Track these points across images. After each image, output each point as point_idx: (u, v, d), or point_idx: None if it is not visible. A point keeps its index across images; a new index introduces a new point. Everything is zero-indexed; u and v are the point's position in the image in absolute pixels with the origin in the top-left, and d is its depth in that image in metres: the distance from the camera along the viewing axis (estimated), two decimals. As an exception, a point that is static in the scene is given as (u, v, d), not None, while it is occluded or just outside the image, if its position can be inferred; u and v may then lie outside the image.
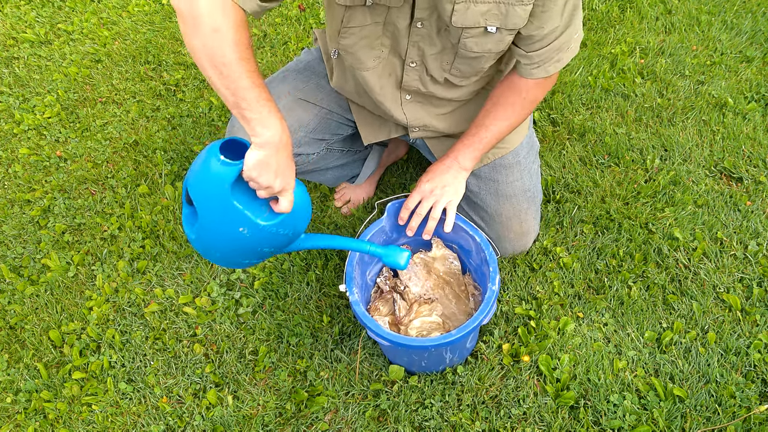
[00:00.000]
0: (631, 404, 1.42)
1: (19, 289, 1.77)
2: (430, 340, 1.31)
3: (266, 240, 1.30)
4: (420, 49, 1.32)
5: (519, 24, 1.22)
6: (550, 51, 1.30)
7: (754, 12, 2.42)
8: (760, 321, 1.54)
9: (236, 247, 1.33)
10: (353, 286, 1.37)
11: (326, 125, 1.56)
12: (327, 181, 1.79)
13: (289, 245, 1.37)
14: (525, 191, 1.60)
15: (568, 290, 1.64)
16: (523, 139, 1.59)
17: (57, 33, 2.64)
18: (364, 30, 1.29)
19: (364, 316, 1.32)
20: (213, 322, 1.65)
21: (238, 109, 1.13)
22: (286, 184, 1.21)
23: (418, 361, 1.44)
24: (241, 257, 1.37)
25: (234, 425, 1.47)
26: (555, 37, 1.27)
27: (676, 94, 2.13)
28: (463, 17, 1.19)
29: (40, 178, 2.08)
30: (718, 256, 1.68)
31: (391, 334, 1.30)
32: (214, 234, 1.31)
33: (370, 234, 1.47)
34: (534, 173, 1.63)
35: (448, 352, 1.41)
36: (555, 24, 1.24)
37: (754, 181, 1.85)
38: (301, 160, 1.55)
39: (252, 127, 1.14)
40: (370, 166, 1.82)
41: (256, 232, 1.27)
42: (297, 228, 1.32)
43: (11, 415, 1.53)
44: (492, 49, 1.28)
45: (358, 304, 1.34)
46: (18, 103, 2.34)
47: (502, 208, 1.59)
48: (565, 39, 1.29)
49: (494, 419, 1.43)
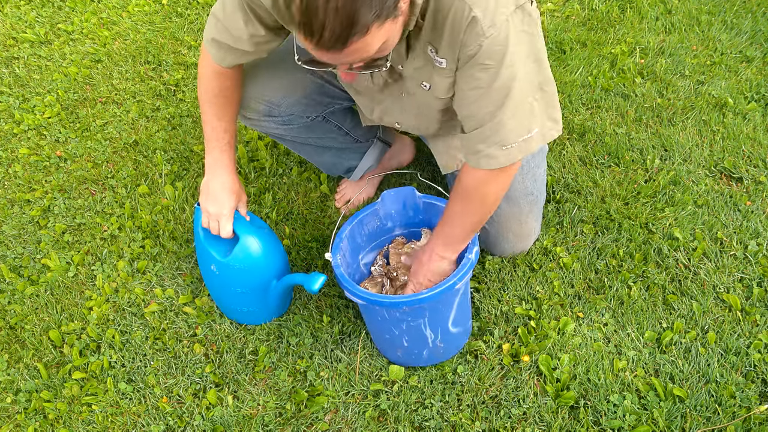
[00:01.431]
0: (631, 404, 1.42)
1: (19, 289, 1.77)
2: (402, 297, 1.32)
3: (235, 278, 1.51)
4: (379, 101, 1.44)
5: (442, 93, 1.28)
6: (474, 140, 1.22)
7: (754, 12, 2.42)
8: (760, 321, 1.54)
9: (217, 289, 1.60)
10: (338, 255, 1.42)
11: (324, 91, 1.59)
12: (324, 164, 1.79)
13: (267, 290, 1.55)
14: (527, 194, 1.59)
15: (568, 290, 1.64)
16: None
17: (57, 33, 2.64)
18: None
19: (342, 278, 1.36)
20: (213, 322, 1.65)
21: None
22: (219, 210, 1.48)
23: (399, 338, 1.43)
24: (230, 302, 1.60)
25: (234, 425, 1.47)
26: (474, 126, 1.21)
27: (676, 94, 2.13)
28: (407, 69, 1.29)
29: (40, 178, 2.08)
30: (718, 256, 1.68)
31: (365, 293, 1.33)
32: (206, 279, 1.62)
33: (363, 214, 1.51)
34: (539, 177, 1.61)
35: (427, 327, 1.40)
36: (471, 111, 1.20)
37: (754, 181, 1.85)
38: (294, 119, 1.59)
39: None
40: (368, 161, 1.81)
41: (222, 268, 1.51)
42: (257, 263, 1.51)
43: (11, 415, 1.53)
44: (432, 105, 1.35)
45: (339, 267, 1.38)
46: (18, 103, 2.34)
47: (502, 209, 1.58)
48: (489, 134, 1.20)
49: (494, 419, 1.43)
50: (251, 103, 1.54)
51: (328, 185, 1.95)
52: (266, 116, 1.56)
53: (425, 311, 1.36)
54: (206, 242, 1.52)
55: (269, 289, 1.54)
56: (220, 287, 1.59)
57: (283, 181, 1.98)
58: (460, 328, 1.50)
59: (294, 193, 1.94)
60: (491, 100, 1.17)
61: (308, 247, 1.79)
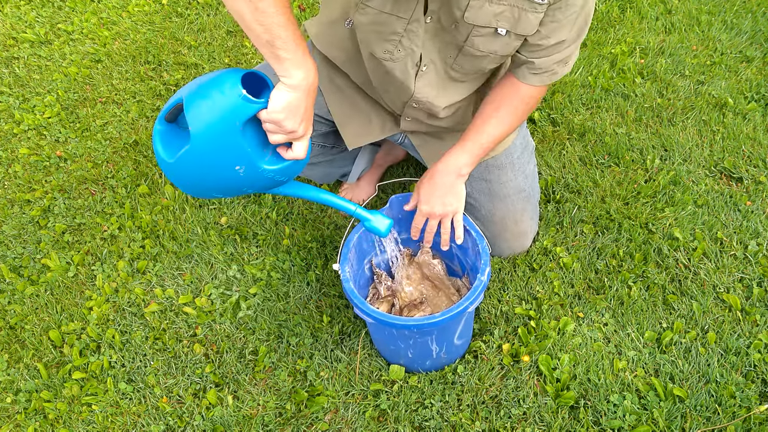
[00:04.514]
0: (631, 404, 1.42)
1: (19, 289, 1.77)
2: (413, 320, 1.31)
3: (258, 182, 1.23)
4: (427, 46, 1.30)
5: (529, 31, 1.22)
6: (551, 62, 1.30)
7: (754, 12, 2.42)
8: (760, 321, 1.54)
9: (222, 182, 1.23)
10: (346, 266, 1.39)
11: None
12: (315, 176, 1.78)
13: (273, 189, 1.31)
14: (519, 192, 1.59)
15: (568, 290, 1.64)
16: (515, 140, 1.58)
17: (57, 33, 2.64)
18: (381, 16, 1.24)
19: (352, 293, 1.34)
20: (213, 322, 1.65)
21: (270, 48, 1.07)
22: (308, 130, 1.16)
23: (404, 350, 1.44)
24: (219, 191, 1.29)
25: (234, 425, 1.47)
26: (560, 50, 1.28)
27: (676, 94, 2.13)
28: (475, 15, 1.19)
29: (40, 178, 2.08)
30: (718, 256, 1.68)
31: (376, 312, 1.31)
32: (202, 164, 1.19)
33: None
34: (529, 174, 1.62)
35: (434, 342, 1.40)
36: (562, 37, 1.24)
37: (754, 181, 1.85)
38: None
39: (285, 67, 1.08)
40: (360, 164, 1.81)
41: (253, 173, 1.19)
42: (292, 175, 1.26)
43: (11, 415, 1.53)
44: (498, 51, 1.27)
45: (348, 281, 1.36)
46: (18, 103, 2.34)
47: (496, 209, 1.59)
48: (569, 54, 1.30)
49: (494, 419, 1.43)
50: None
51: (329, 185, 1.96)
52: None
53: (434, 330, 1.36)
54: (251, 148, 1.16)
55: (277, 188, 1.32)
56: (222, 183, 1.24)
57: (283, 181, 1.98)
58: (464, 339, 1.51)
59: (294, 193, 1.95)
60: (581, 22, 1.24)
61: (308, 247, 1.79)
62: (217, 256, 1.78)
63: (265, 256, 1.78)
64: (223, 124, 1.10)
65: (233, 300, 1.68)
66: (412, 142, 1.59)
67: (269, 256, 1.77)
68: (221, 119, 1.10)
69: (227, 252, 1.79)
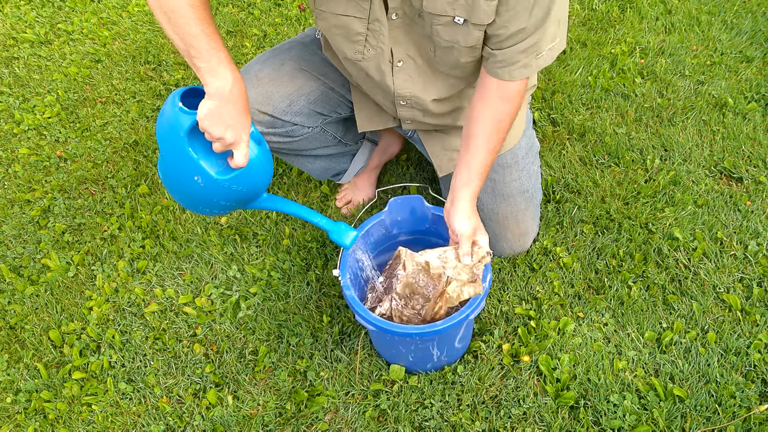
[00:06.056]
0: (631, 404, 1.42)
1: (19, 289, 1.77)
2: (415, 328, 1.31)
3: (221, 193, 1.29)
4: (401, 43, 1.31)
5: (485, 20, 1.20)
6: (513, 52, 1.24)
7: (754, 12, 2.42)
8: (760, 321, 1.54)
9: (192, 194, 1.33)
10: (347, 272, 1.39)
11: (327, 99, 1.57)
12: (315, 171, 1.79)
13: (250, 203, 1.38)
14: (523, 192, 1.60)
15: (568, 290, 1.64)
16: (520, 139, 1.58)
17: (57, 33, 2.64)
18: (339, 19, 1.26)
19: (353, 300, 1.34)
20: (213, 322, 1.65)
21: (188, 57, 1.14)
22: (238, 138, 1.20)
23: (405, 354, 1.44)
24: (200, 205, 1.38)
25: (234, 425, 1.47)
26: (522, 39, 1.23)
27: (676, 94, 2.13)
28: (433, 4, 1.19)
29: (40, 178, 2.08)
30: (718, 256, 1.68)
31: (377, 320, 1.31)
32: (173, 177, 1.32)
33: (370, 225, 1.49)
34: (533, 174, 1.63)
35: (435, 347, 1.40)
36: (521, 25, 1.20)
37: (754, 181, 1.85)
38: (297, 130, 1.56)
39: (202, 75, 1.14)
40: (359, 162, 1.82)
41: (210, 183, 1.26)
42: (255, 185, 1.32)
43: (11, 415, 1.53)
44: (460, 42, 1.25)
45: (349, 288, 1.36)
46: (18, 103, 2.34)
47: (499, 208, 1.59)
48: (532, 42, 1.23)
49: (494, 419, 1.43)
50: (254, 115, 1.51)
51: (329, 185, 1.96)
52: (269, 128, 1.54)
53: (435, 337, 1.36)
54: (198, 155, 1.24)
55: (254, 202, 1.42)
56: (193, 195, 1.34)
57: (283, 181, 1.98)
58: (464, 342, 1.51)
59: (294, 193, 1.95)
60: (541, 9, 1.19)
61: (308, 248, 1.79)
62: (217, 256, 1.78)
63: (265, 256, 1.78)
64: (171, 136, 1.22)
65: (233, 300, 1.68)
66: (420, 136, 1.61)
67: (269, 256, 1.77)
68: (169, 131, 1.22)
69: (227, 252, 1.79)
